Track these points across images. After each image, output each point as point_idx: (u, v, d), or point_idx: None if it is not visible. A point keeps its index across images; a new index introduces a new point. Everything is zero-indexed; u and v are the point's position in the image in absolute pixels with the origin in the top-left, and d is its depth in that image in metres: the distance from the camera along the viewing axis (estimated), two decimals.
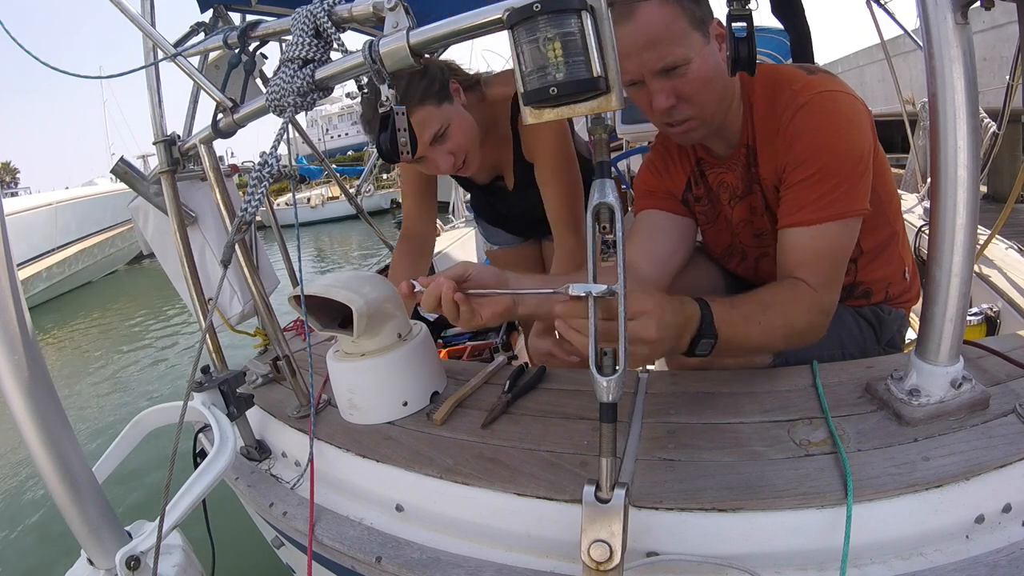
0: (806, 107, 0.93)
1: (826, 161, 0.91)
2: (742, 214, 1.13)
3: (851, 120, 0.92)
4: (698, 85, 0.92)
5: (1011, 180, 2.97)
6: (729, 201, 1.13)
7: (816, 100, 0.92)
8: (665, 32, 0.88)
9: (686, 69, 0.90)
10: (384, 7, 0.72)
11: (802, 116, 0.93)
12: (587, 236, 0.62)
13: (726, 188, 1.12)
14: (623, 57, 0.90)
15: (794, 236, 0.94)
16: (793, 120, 0.94)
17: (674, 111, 0.95)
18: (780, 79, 0.98)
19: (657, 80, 0.92)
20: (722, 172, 1.11)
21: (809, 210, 0.92)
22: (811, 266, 0.92)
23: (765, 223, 1.10)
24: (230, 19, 1.32)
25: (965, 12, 0.65)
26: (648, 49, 0.89)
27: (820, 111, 0.92)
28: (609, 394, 0.59)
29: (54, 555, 2.45)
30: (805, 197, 0.93)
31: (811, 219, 0.92)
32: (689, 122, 0.97)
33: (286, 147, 1.69)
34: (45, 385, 0.65)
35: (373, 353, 1.01)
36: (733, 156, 1.08)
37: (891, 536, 0.67)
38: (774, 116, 0.97)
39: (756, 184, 1.06)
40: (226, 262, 0.72)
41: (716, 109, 0.98)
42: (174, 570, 0.73)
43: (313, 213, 16.04)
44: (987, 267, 1.64)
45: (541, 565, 0.74)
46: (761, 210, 1.09)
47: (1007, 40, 5.00)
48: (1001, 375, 0.85)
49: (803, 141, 0.93)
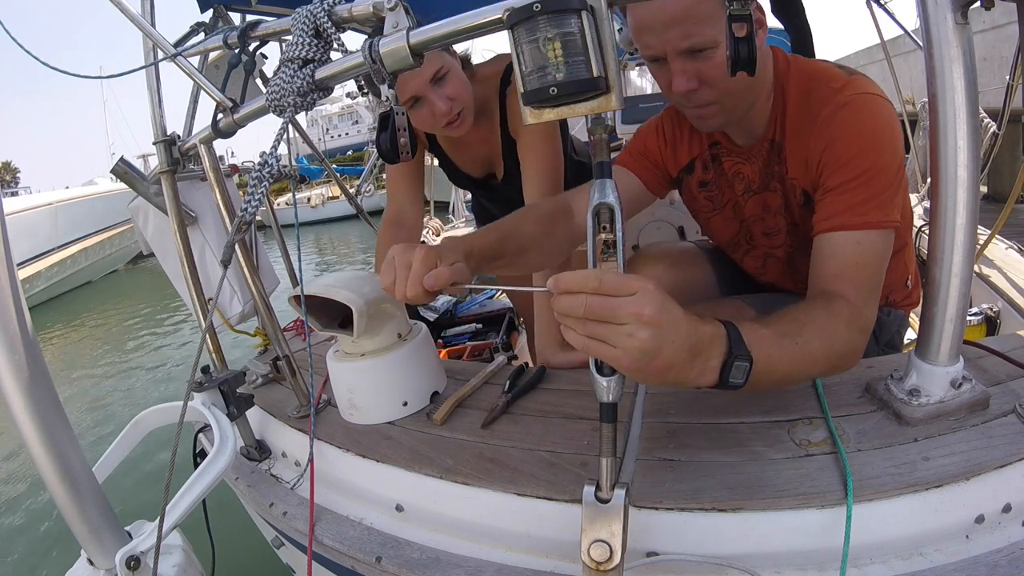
0: (848, 107, 0.87)
1: (872, 163, 0.84)
2: (755, 209, 1.09)
3: (893, 127, 0.87)
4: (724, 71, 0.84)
5: (1011, 180, 2.98)
6: (743, 193, 1.09)
7: (858, 101, 0.87)
8: (694, 10, 0.82)
9: (713, 53, 0.85)
10: (384, 7, 0.72)
11: (844, 116, 0.87)
12: (588, 235, 0.62)
13: (742, 179, 1.07)
14: (644, 30, 0.88)
15: (834, 242, 0.86)
16: (833, 119, 0.88)
17: (695, 95, 0.90)
18: (818, 75, 0.93)
19: (680, 60, 0.87)
20: (740, 162, 1.06)
21: (852, 214, 0.84)
22: (851, 276, 0.83)
23: (779, 223, 1.06)
24: (230, 19, 1.32)
25: (965, 12, 0.65)
26: (673, 26, 0.84)
27: (864, 112, 0.86)
28: (609, 394, 0.59)
29: (54, 555, 2.45)
30: (847, 201, 0.85)
31: (855, 223, 0.84)
32: (709, 107, 0.92)
33: (286, 147, 1.69)
34: (45, 385, 0.65)
35: (373, 353, 1.01)
36: (754, 148, 1.02)
37: (891, 536, 0.67)
38: (808, 113, 0.92)
39: (776, 182, 1.02)
40: (226, 262, 0.72)
41: (741, 98, 0.93)
42: (174, 570, 0.73)
43: (313, 213, 16.04)
44: (987, 267, 1.64)
45: (541, 565, 0.74)
46: (776, 209, 1.05)
47: (1007, 40, 5.00)
48: (1001, 375, 0.85)
49: (843, 142, 0.86)
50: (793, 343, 0.71)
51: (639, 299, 0.56)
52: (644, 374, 0.58)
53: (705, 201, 1.16)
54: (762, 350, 0.66)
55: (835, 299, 0.80)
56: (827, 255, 0.86)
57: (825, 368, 0.78)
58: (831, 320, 0.76)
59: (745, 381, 0.65)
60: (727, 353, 0.64)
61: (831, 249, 0.86)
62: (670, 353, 0.57)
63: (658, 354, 0.56)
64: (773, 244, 1.11)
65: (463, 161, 1.51)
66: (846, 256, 0.84)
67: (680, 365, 0.59)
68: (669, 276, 1.23)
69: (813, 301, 0.81)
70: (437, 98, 1.20)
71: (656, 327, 0.55)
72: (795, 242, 1.07)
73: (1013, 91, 1.75)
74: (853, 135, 0.86)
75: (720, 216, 1.16)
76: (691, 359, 0.60)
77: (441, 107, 1.21)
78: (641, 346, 0.56)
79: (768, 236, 1.11)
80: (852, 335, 0.78)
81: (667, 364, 0.58)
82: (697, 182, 1.14)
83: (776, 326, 0.71)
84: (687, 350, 0.59)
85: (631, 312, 0.55)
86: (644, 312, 0.55)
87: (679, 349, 0.58)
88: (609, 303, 0.55)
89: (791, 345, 0.71)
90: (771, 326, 0.71)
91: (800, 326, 0.73)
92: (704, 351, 0.62)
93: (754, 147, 1.03)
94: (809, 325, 0.74)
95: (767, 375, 0.67)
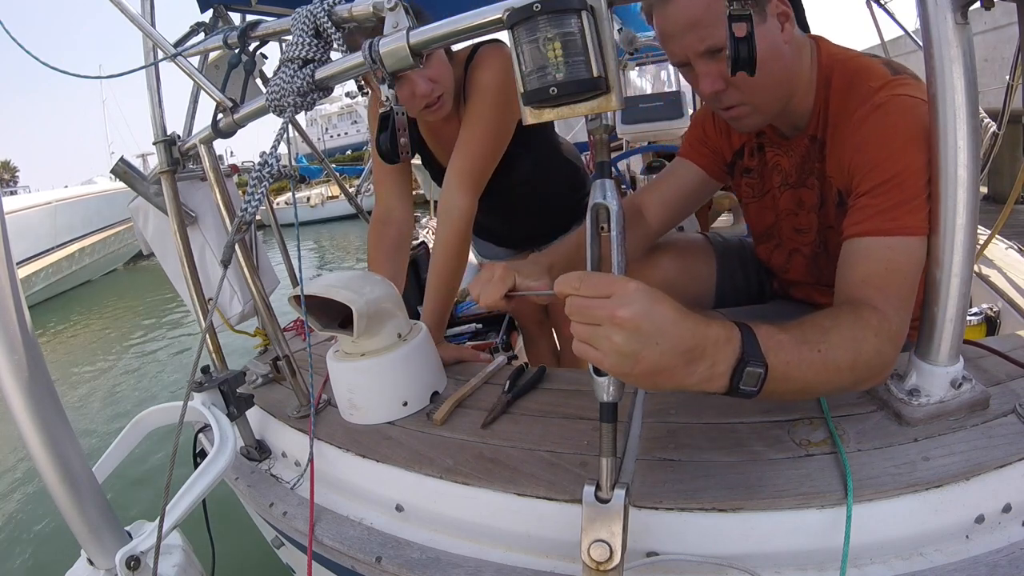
0: (882, 108, 0.83)
1: (904, 166, 0.79)
2: (788, 204, 1.07)
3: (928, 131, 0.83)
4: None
5: (1011, 180, 2.97)
6: (779, 186, 1.07)
7: (894, 103, 0.82)
8: (707, 12, 0.82)
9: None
10: (384, 7, 0.72)
11: (876, 117, 0.83)
12: (588, 236, 0.62)
13: (779, 172, 1.06)
14: (667, 38, 0.89)
15: (864, 246, 0.81)
16: (866, 121, 0.85)
17: (722, 96, 0.89)
18: (860, 72, 0.89)
19: (702, 62, 0.86)
20: (779, 154, 1.05)
21: (884, 218, 0.79)
22: (882, 283, 0.77)
23: (811, 221, 1.04)
24: (230, 19, 1.33)
25: (965, 12, 0.65)
26: (689, 31, 0.84)
27: (897, 115, 0.82)
28: (608, 394, 0.59)
29: (54, 555, 2.45)
30: (879, 205, 0.80)
31: (888, 228, 0.79)
32: (739, 108, 0.91)
33: (286, 147, 1.68)
34: (45, 385, 0.65)
35: (373, 353, 1.01)
36: (795, 141, 1.00)
37: (891, 536, 0.67)
38: (846, 111, 0.89)
39: (815, 178, 0.99)
40: (226, 262, 0.72)
41: (772, 95, 0.91)
42: (174, 570, 0.73)
43: (313, 212, 16.03)
44: (987, 267, 1.64)
45: (541, 565, 0.74)
46: (811, 206, 1.02)
47: (1008, 41, 5.00)
48: (1001, 375, 0.85)
49: (874, 145, 0.82)
50: (815, 350, 0.66)
51: (614, 302, 0.55)
52: (631, 378, 0.57)
53: (747, 188, 1.15)
54: (779, 356, 0.62)
55: (863, 306, 0.74)
56: (856, 260, 0.81)
57: (850, 380, 0.71)
58: (858, 328, 0.71)
59: (759, 389, 0.61)
60: (739, 358, 0.60)
61: (860, 254, 0.81)
62: (654, 357, 0.55)
63: (639, 357, 0.55)
64: (802, 241, 1.09)
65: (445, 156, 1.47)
66: (877, 261, 0.78)
67: (671, 370, 0.57)
68: (674, 265, 1.24)
69: (839, 308, 0.76)
70: (419, 78, 1.17)
71: (632, 331, 0.54)
72: (824, 242, 1.05)
73: (1013, 91, 1.75)
74: (885, 138, 0.81)
75: (759, 205, 1.15)
76: (687, 363, 0.58)
77: (422, 87, 1.18)
78: (618, 349, 0.54)
79: (798, 232, 1.09)
80: (882, 345, 0.71)
81: (653, 368, 0.56)
82: (743, 168, 1.14)
83: (796, 331, 0.67)
84: (679, 354, 0.57)
85: (605, 315, 0.54)
86: (617, 314, 0.54)
87: (665, 353, 0.56)
88: (587, 304, 0.56)
89: (812, 352, 0.66)
90: (790, 331, 0.66)
91: (824, 332, 0.68)
92: (707, 355, 0.59)
93: (796, 140, 1.01)
94: (834, 332, 0.69)
95: (785, 383, 0.63)
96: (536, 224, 1.63)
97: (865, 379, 0.74)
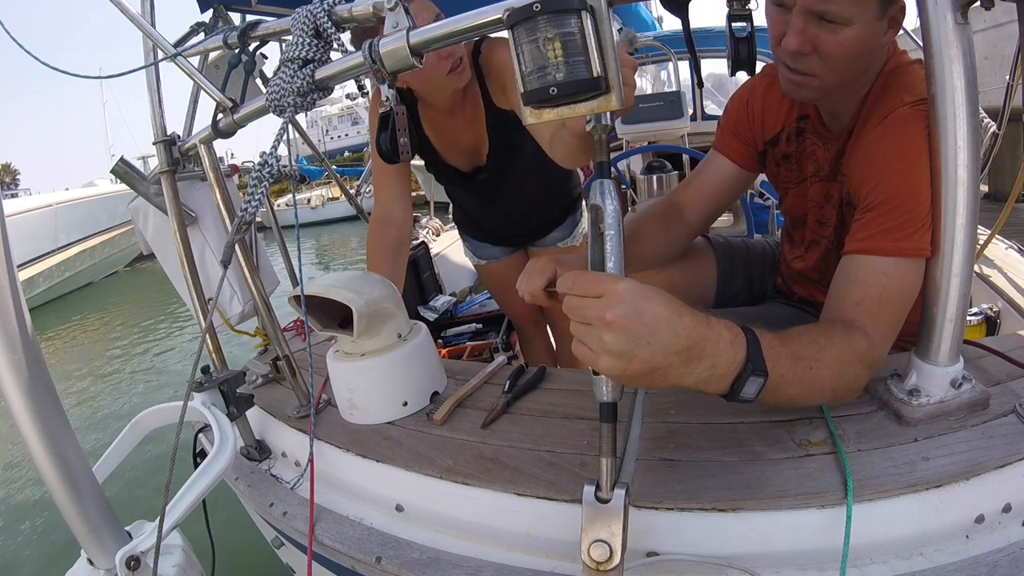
0: (903, 122, 0.81)
1: (914, 185, 0.77)
2: (817, 195, 1.05)
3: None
4: (843, 52, 0.81)
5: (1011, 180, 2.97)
6: (812, 176, 1.05)
7: (916, 117, 0.80)
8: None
9: (840, 29, 0.79)
10: (384, 7, 0.72)
11: (894, 130, 0.82)
12: (588, 236, 0.62)
13: (814, 161, 1.04)
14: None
15: (862, 266, 0.80)
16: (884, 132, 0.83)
17: (801, 58, 0.85)
18: (902, 83, 0.87)
19: (803, 18, 0.81)
20: (817, 144, 1.03)
21: (886, 238, 0.78)
22: (874, 308, 0.77)
23: (832, 215, 1.02)
24: (230, 19, 1.32)
25: (965, 12, 0.65)
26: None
27: (914, 129, 0.79)
28: (608, 394, 0.59)
29: (54, 555, 2.45)
30: (881, 223, 0.79)
31: (887, 248, 0.78)
32: (810, 78, 0.87)
33: (286, 147, 1.68)
34: (45, 385, 0.65)
35: (373, 353, 1.01)
36: (835, 135, 0.99)
37: (891, 536, 0.67)
38: (874, 119, 0.87)
39: (842, 175, 0.97)
40: (226, 262, 0.72)
41: (843, 81, 0.88)
42: (174, 570, 0.73)
43: (313, 214, 16.03)
44: (987, 267, 1.64)
45: (541, 565, 0.74)
46: (836, 201, 1.00)
47: (1009, 39, 4.99)
48: (1001, 375, 0.85)
49: (888, 159, 0.81)
50: (807, 368, 0.69)
51: (603, 302, 0.55)
52: (624, 377, 0.57)
53: (786, 174, 1.13)
54: (776, 369, 0.64)
55: (855, 331, 0.75)
56: (852, 279, 0.81)
57: (828, 399, 0.77)
58: (847, 353, 0.73)
59: (755, 398, 0.63)
60: (743, 365, 0.61)
61: (857, 274, 0.81)
62: (646, 357, 0.55)
63: (631, 357, 0.55)
64: (822, 234, 1.08)
65: (450, 152, 1.47)
66: (872, 286, 0.79)
67: (666, 369, 0.57)
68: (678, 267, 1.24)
69: (834, 327, 0.77)
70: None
71: (622, 331, 0.54)
72: (838, 239, 1.03)
73: (1013, 91, 1.74)
74: (899, 154, 0.80)
75: (795, 192, 1.13)
76: (684, 363, 0.58)
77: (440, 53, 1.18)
78: (608, 349, 0.55)
79: (820, 225, 1.08)
80: (862, 371, 0.75)
81: (646, 368, 0.56)
82: (781, 154, 1.12)
83: (794, 346, 0.68)
84: (673, 353, 0.56)
85: (594, 315, 0.55)
86: (606, 315, 0.54)
87: (657, 352, 0.55)
88: (579, 304, 0.56)
89: (804, 370, 0.68)
90: (789, 345, 0.68)
91: (818, 350, 0.70)
92: (707, 356, 0.59)
93: (835, 134, 0.99)
94: (827, 351, 0.71)
95: (773, 395, 0.65)
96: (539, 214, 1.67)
97: (840, 399, 0.78)
